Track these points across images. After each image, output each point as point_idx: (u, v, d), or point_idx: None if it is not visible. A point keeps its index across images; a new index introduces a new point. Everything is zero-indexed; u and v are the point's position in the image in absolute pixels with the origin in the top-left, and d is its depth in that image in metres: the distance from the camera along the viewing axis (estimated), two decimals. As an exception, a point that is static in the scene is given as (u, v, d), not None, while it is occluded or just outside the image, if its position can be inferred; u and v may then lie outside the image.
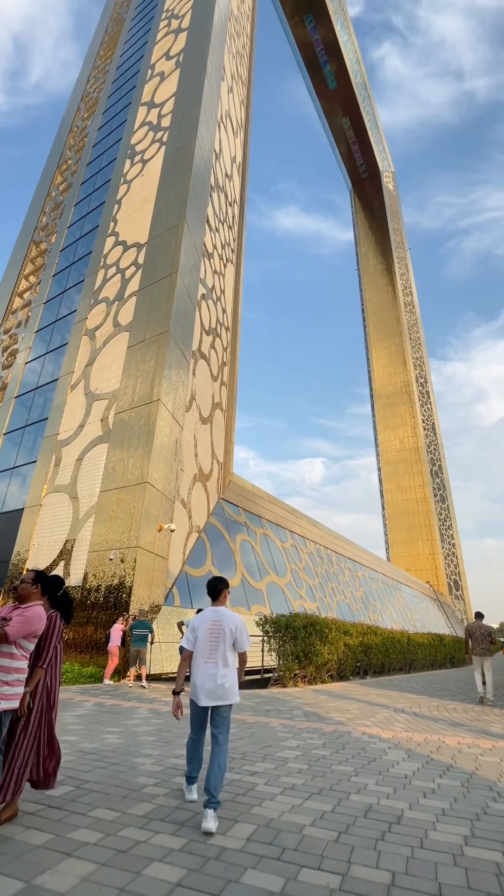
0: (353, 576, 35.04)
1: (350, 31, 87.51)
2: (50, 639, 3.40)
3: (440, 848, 2.90)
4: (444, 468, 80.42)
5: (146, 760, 4.56)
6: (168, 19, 31.55)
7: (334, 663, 13.04)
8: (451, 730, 6.68)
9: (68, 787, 3.72)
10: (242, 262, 27.73)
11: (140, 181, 23.29)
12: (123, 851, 2.69)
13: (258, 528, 23.17)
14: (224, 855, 2.70)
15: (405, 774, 4.42)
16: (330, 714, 7.52)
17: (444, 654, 24.31)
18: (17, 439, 21.48)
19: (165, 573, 14.47)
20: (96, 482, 15.49)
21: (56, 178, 34.28)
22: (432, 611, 56.25)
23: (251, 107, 34.93)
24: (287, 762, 4.67)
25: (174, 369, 16.41)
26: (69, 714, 6.82)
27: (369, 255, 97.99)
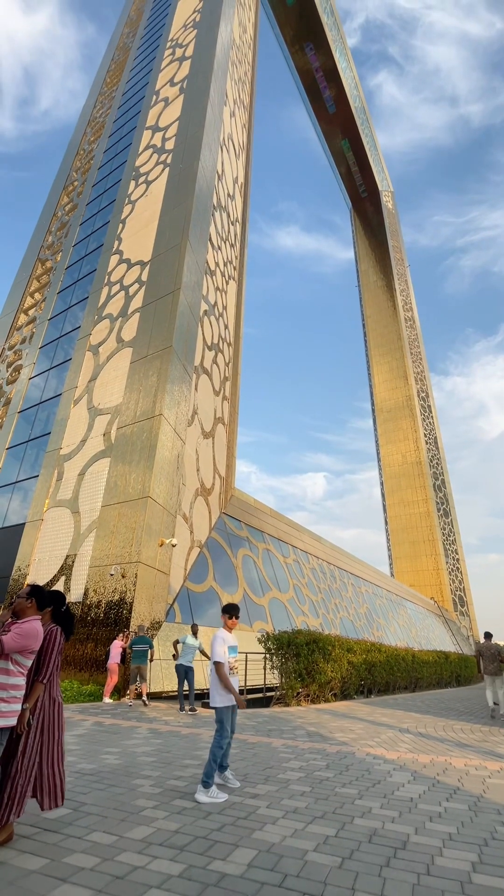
0: (357, 591, 34.62)
1: (349, 58, 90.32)
2: (50, 653, 3.36)
3: (447, 875, 2.81)
4: (447, 482, 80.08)
5: (145, 782, 4.46)
6: (173, 48, 32.68)
7: (338, 681, 12.80)
8: (458, 751, 6.52)
9: (66, 810, 3.63)
10: (244, 279, 28.15)
11: (144, 201, 23.82)
12: (120, 877, 2.62)
13: (260, 542, 23.01)
14: (224, 881, 2.62)
15: (411, 797, 4.30)
16: (333, 734, 7.35)
17: (450, 673, 23.83)
18: (20, 454, 21.55)
19: (167, 589, 14.33)
20: (98, 497, 15.48)
21: (62, 198, 35.10)
22: (437, 627, 55.35)
23: (253, 130, 35.90)
24: (289, 784, 4.55)
25: (176, 384, 16.53)
26: (68, 734, 6.69)
27: (369, 272, 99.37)
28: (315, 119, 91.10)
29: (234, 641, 4.69)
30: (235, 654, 4.63)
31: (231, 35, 33.26)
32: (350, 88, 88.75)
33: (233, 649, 4.58)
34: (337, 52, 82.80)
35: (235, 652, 4.63)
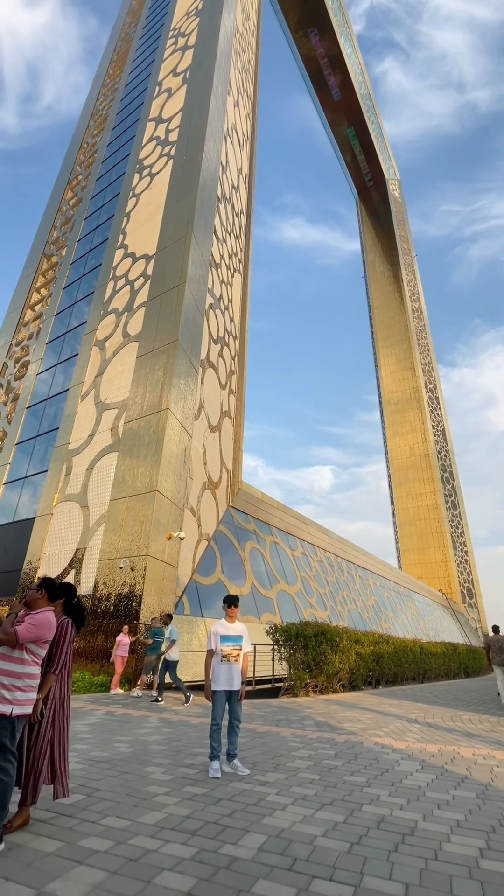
0: (365, 584, 34.68)
1: (354, 43, 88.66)
2: (62, 644, 3.43)
3: (455, 860, 2.84)
4: (455, 474, 79.58)
5: (157, 769, 4.54)
6: (175, 37, 32.30)
7: (346, 672, 12.88)
8: (466, 741, 6.55)
9: (80, 795, 3.72)
10: (249, 272, 27.99)
11: (148, 194, 23.71)
12: (134, 860, 2.69)
13: (267, 535, 23.10)
14: (235, 864, 2.68)
15: (419, 786, 4.35)
16: (342, 724, 7.42)
17: (458, 664, 23.86)
18: (29, 449, 21.76)
19: (175, 581, 14.47)
20: (106, 491, 15.61)
21: (66, 193, 35.04)
22: (445, 619, 55.33)
23: (257, 119, 35.48)
24: (298, 772, 4.62)
25: (183, 378, 16.55)
26: (80, 723, 6.82)
27: (376, 262, 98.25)
28: (320, 107, 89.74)
29: (234, 631, 4.88)
30: (234, 643, 4.81)
31: (234, 22, 32.79)
32: (355, 74, 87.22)
33: (229, 638, 4.80)
34: (342, 38, 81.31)
35: (234, 641, 4.81)
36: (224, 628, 4.89)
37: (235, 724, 4.75)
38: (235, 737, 4.71)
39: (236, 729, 4.74)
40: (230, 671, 4.73)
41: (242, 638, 4.88)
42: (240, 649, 4.83)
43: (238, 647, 4.82)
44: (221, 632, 4.85)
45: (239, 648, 4.83)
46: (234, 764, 4.58)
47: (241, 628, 4.99)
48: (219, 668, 4.74)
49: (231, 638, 4.85)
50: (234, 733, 4.72)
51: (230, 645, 4.82)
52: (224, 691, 4.71)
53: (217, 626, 4.92)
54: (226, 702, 4.73)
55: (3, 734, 2.85)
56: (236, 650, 4.81)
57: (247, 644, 4.93)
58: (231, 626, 4.92)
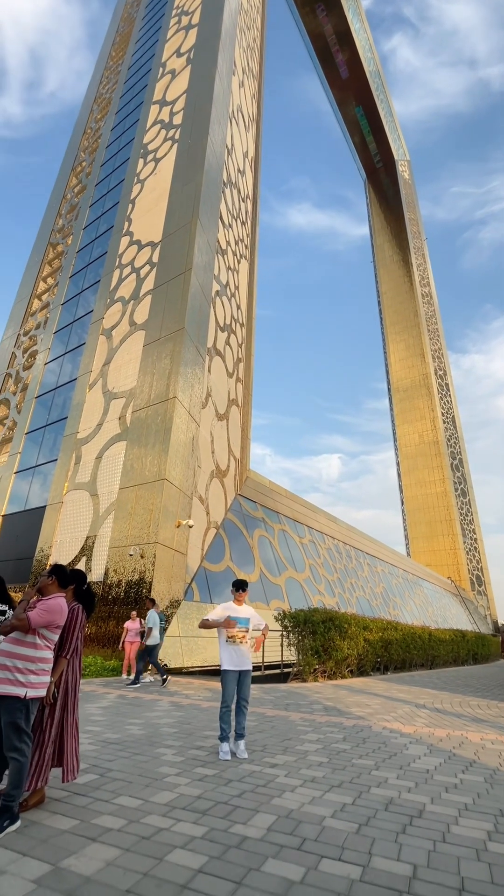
0: (373, 571, 34.77)
1: (362, 19, 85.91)
2: (73, 630, 3.48)
3: (463, 843, 2.87)
4: (464, 462, 78.97)
5: (168, 751, 4.63)
6: (178, 16, 31.52)
7: (354, 658, 12.98)
8: (475, 725, 6.59)
9: (93, 776, 3.80)
10: (256, 258, 27.64)
11: (153, 180, 23.40)
12: (146, 838, 2.75)
13: (276, 523, 23.18)
14: (245, 844, 2.73)
15: (427, 769, 4.39)
16: (350, 709, 7.50)
17: (467, 651, 23.94)
18: (39, 439, 21.94)
19: (184, 568, 14.62)
20: (115, 479, 15.72)
21: (71, 180, 34.71)
22: (454, 606, 55.44)
23: (263, 100, 34.68)
24: (307, 755, 4.68)
25: (189, 366, 16.50)
26: (93, 706, 6.97)
27: (385, 246, 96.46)
28: (327, 86, 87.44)
29: (243, 614, 4.92)
30: (243, 624, 4.87)
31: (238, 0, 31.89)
32: (364, 51, 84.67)
33: (238, 620, 4.84)
34: (350, 13, 78.80)
35: (242, 623, 4.86)
36: (234, 609, 4.94)
37: (243, 704, 4.79)
38: (243, 717, 4.75)
39: (244, 709, 4.77)
40: (238, 652, 4.78)
41: (249, 620, 4.93)
42: (245, 631, 4.87)
43: (244, 629, 4.86)
44: (232, 613, 4.90)
45: (245, 630, 4.86)
46: (238, 745, 4.65)
47: (249, 611, 5.02)
48: (225, 649, 4.80)
49: (240, 620, 4.88)
50: (242, 713, 4.76)
51: (243, 627, 4.85)
52: (234, 672, 4.76)
53: (224, 607, 4.96)
54: (236, 683, 4.77)
55: (17, 716, 2.91)
56: (242, 632, 4.84)
57: (259, 621, 5.01)
58: (238, 609, 4.95)
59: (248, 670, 4.83)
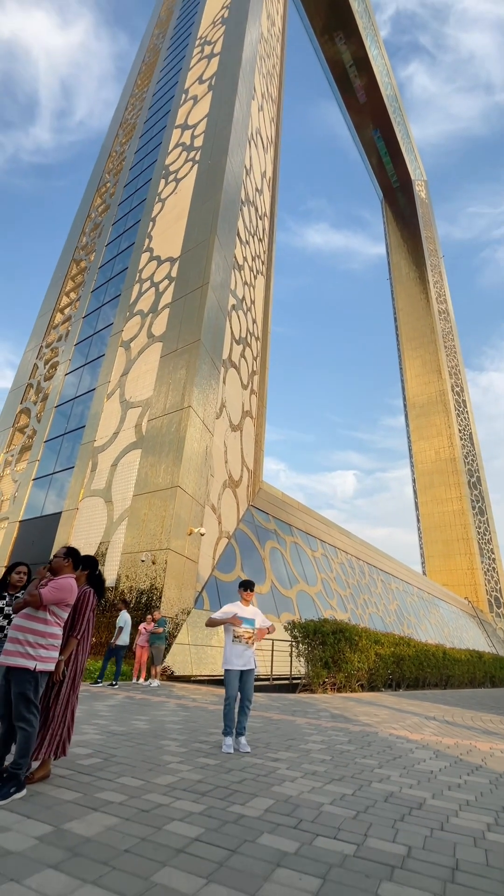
0: (387, 588, 34.14)
1: (380, 45, 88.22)
2: (84, 611, 3.61)
3: (461, 832, 2.86)
4: (482, 480, 77.46)
5: (172, 743, 4.68)
6: (201, 46, 32.96)
7: (365, 672, 12.76)
8: (484, 737, 6.45)
9: (97, 759, 3.88)
10: (272, 273, 28.17)
11: (174, 199, 24.23)
12: (146, 811, 2.82)
13: (288, 536, 23.09)
14: (242, 820, 2.77)
15: (431, 770, 4.34)
16: (357, 717, 7.40)
17: (484, 673, 23.20)
18: (57, 447, 22.45)
19: (195, 576, 14.66)
20: (130, 487, 15.97)
21: (95, 200, 36.11)
22: (471, 628, 53.81)
23: (281, 123, 35.75)
24: (310, 753, 4.67)
25: (205, 377, 16.81)
26: (100, 704, 7.03)
27: (401, 263, 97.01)
28: (345, 109, 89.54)
29: (251, 615, 4.94)
30: (246, 625, 4.86)
31: (259, 29, 33.23)
32: (381, 76, 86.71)
33: (244, 620, 4.86)
34: (368, 40, 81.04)
35: (246, 623, 4.87)
36: (238, 609, 4.97)
37: (246, 704, 4.78)
38: (245, 717, 4.75)
39: (246, 710, 4.77)
40: (242, 652, 4.80)
41: (255, 621, 4.94)
42: (252, 632, 4.87)
43: (249, 629, 4.87)
44: (239, 613, 4.94)
45: (251, 631, 4.87)
46: (239, 741, 4.65)
47: (255, 612, 5.03)
48: (231, 648, 4.82)
49: (246, 620, 4.90)
50: (244, 714, 4.75)
51: (249, 628, 4.87)
52: (237, 671, 4.78)
53: (231, 606, 5.01)
54: (239, 681, 4.79)
55: (27, 687, 3.03)
56: (248, 632, 4.84)
57: (265, 622, 5.01)
58: (245, 609, 4.98)
59: (252, 670, 4.82)
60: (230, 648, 4.83)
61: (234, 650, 4.81)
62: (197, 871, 2.14)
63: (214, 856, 2.29)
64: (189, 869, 2.15)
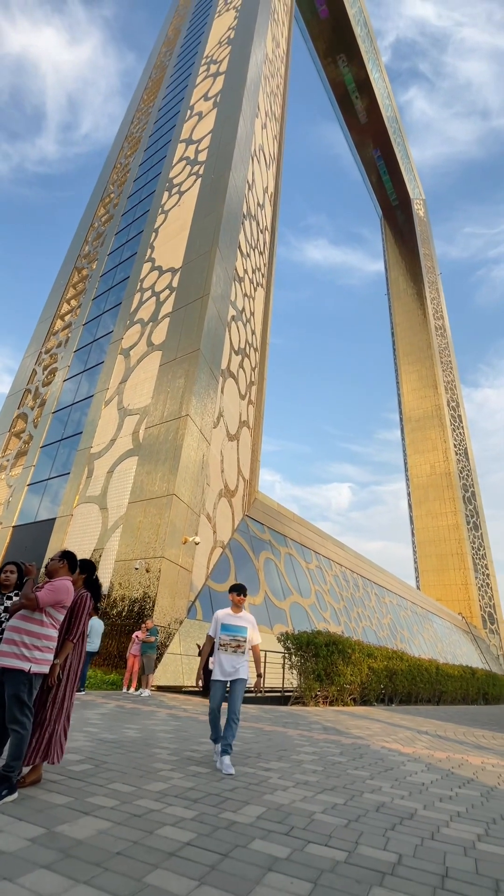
0: (381, 602, 34.01)
1: (381, 68, 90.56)
2: (80, 615, 3.62)
3: (452, 841, 2.87)
4: (477, 495, 77.72)
5: (163, 751, 4.65)
6: (207, 64, 33.75)
7: (357, 686, 12.69)
8: (476, 751, 6.43)
9: (88, 766, 3.86)
10: (272, 286, 28.52)
11: (176, 211, 24.60)
12: (138, 816, 2.81)
13: (283, 547, 23.04)
14: (234, 826, 2.77)
15: (423, 782, 4.33)
16: (350, 730, 7.36)
17: (477, 689, 23.07)
18: (53, 453, 22.41)
19: (189, 586, 14.59)
20: (125, 494, 15.95)
21: (99, 210, 36.56)
22: (465, 644, 53.54)
23: (284, 141, 36.51)
24: (302, 764, 4.65)
25: (203, 386, 16.92)
26: (91, 712, 6.97)
27: (399, 280, 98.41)
28: (346, 129, 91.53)
29: (238, 621, 4.56)
30: (235, 633, 4.49)
31: (264, 50, 34.09)
32: (382, 98, 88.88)
33: (231, 628, 4.50)
34: (369, 64, 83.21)
35: (235, 631, 4.50)
36: (227, 616, 4.56)
37: (233, 720, 4.21)
38: (231, 733, 4.19)
39: (233, 726, 4.20)
40: (230, 660, 4.38)
41: (247, 630, 4.52)
42: (241, 641, 4.45)
43: (238, 638, 4.46)
44: (224, 620, 4.53)
45: (240, 640, 4.45)
46: (222, 760, 4.08)
47: (248, 619, 4.60)
48: (218, 655, 4.43)
49: (233, 628, 4.49)
50: (231, 729, 4.19)
51: (230, 635, 4.46)
52: (220, 681, 4.37)
53: (221, 613, 4.60)
54: (223, 692, 4.37)
55: (21, 689, 3.04)
56: (236, 641, 4.44)
57: (255, 634, 4.57)
58: (236, 616, 4.57)
59: (241, 680, 4.38)
60: (216, 657, 4.46)
61: (218, 658, 4.42)
62: (189, 873, 2.14)
63: (206, 859, 2.30)
64: (181, 871, 2.15)
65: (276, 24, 40.66)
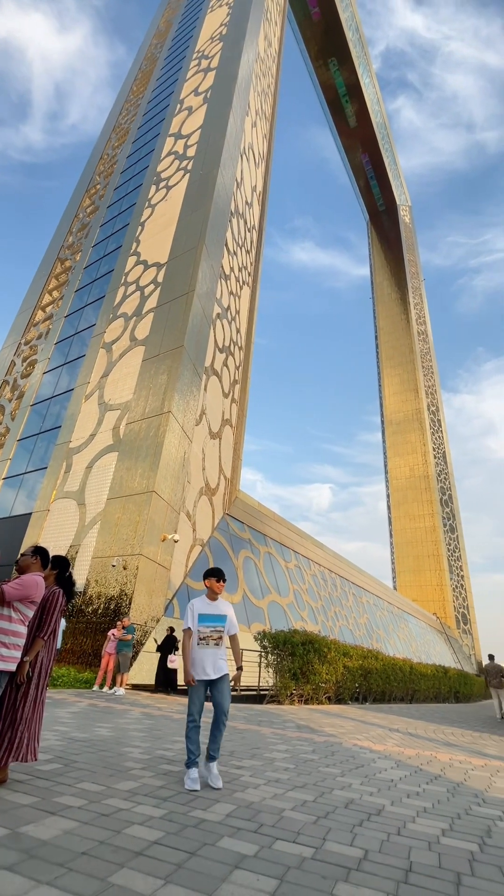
0: (358, 601, 34.43)
1: (372, 74, 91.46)
2: (52, 612, 3.55)
3: (417, 836, 2.93)
4: (454, 498, 79.39)
5: (135, 750, 4.61)
6: (199, 59, 33.49)
7: (332, 685, 12.81)
8: (445, 748, 6.57)
9: (57, 765, 3.79)
10: (258, 286, 28.51)
11: (163, 205, 24.35)
12: (106, 815, 2.78)
13: (262, 546, 23.09)
14: (203, 825, 2.77)
15: (391, 779, 4.41)
16: (323, 728, 7.43)
17: (449, 688, 23.58)
18: (30, 446, 21.95)
19: (167, 583, 14.49)
20: (104, 490, 15.74)
21: (84, 200, 35.92)
22: (439, 644, 54.66)
23: (273, 141, 36.51)
24: (274, 762, 4.68)
25: (186, 383, 16.81)
26: (63, 711, 6.86)
27: (384, 284, 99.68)
28: (336, 132, 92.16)
29: (216, 609, 4.02)
30: (214, 623, 3.94)
31: (256, 49, 34.02)
32: (372, 104, 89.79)
33: (209, 618, 3.96)
34: (360, 68, 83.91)
35: (214, 621, 3.95)
36: (204, 605, 4.02)
37: (222, 719, 3.79)
38: (219, 734, 3.78)
39: (221, 725, 3.79)
40: (211, 656, 3.87)
41: (226, 618, 4.00)
42: (221, 632, 3.94)
43: (219, 628, 3.93)
44: (201, 609, 3.98)
45: (220, 631, 3.93)
46: (209, 768, 3.71)
47: (226, 607, 4.07)
48: (196, 652, 3.88)
49: (211, 617, 3.95)
50: (219, 729, 3.78)
51: (209, 626, 3.92)
52: (202, 682, 3.84)
53: (196, 602, 4.05)
54: (205, 694, 3.88)
55: (-12, 687, 2.97)
56: (217, 633, 3.92)
57: (232, 625, 4.07)
58: (213, 604, 4.04)
59: (224, 676, 3.90)
60: (194, 653, 3.88)
61: (199, 654, 3.86)
62: (155, 872, 2.13)
63: (173, 858, 2.29)
64: (147, 870, 2.14)
65: (269, 23, 40.62)
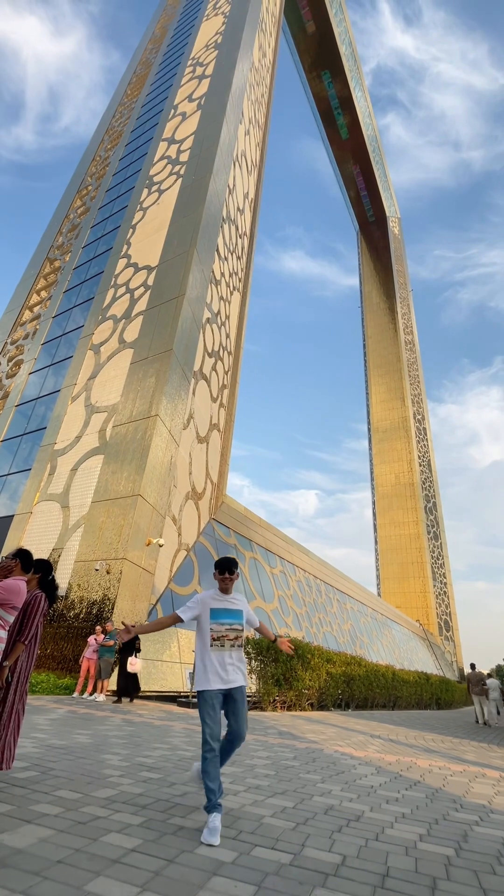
0: (342, 608, 34.53)
1: (364, 88, 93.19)
2: (33, 616, 3.50)
3: (394, 842, 2.95)
4: (438, 506, 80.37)
5: (114, 757, 4.55)
6: (193, 66, 33.75)
7: (315, 691, 12.82)
8: (425, 755, 6.62)
9: (33, 773, 3.73)
10: (248, 292, 28.67)
11: (155, 209, 24.38)
12: (83, 823, 2.74)
13: (248, 551, 23.05)
14: (181, 832, 2.75)
15: (371, 785, 4.43)
16: (304, 734, 7.43)
17: (430, 694, 23.77)
18: (14, 447, 21.62)
19: (151, 588, 14.36)
20: (89, 492, 15.56)
21: (75, 201, 35.75)
22: (421, 650, 55.05)
23: (266, 150, 36.88)
24: (255, 768, 4.66)
25: (174, 387, 16.78)
26: (41, 717, 6.73)
27: (373, 293, 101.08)
28: (328, 143, 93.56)
29: (231, 604, 3.29)
30: (231, 620, 3.22)
31: (251, 58, 34.42)
32: (364, 117, 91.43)
33: (224, 613, 3.22)
34: (353, 82, 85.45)
35: (231, 617, 3.23)
36: (216, 599, 3.28)
37: (237, 742, 3.13)
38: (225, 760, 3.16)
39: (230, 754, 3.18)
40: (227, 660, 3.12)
41: (243, 614, 3.29)
42: (239, 630, 3.22)
43: (236, 626, 3.21)
44: (213, 604, 3.25)
45: (238, 630, 3.22)
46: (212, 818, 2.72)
47: (241, 601, 3.35)
48: (208, 656, 3.12)
49: (226, 613, 3.21)
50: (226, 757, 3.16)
51: (225, 623, 3.18)
52: (218, 692, 3.04)
53: (206, 595, 3.32)
54: (221, 707, 3.08)
55: (-36, 692, 2.91)
56: (234, 631, 3.20)
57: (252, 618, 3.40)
58: (226, 598, 3.30)
59: (241, 687, 3.14)
60: (206, 657, 3.12)
61: (212, 659, 3.09)
62: (132, 880, 2.11)
63: (151, 865, 2.27)
64: (124, 878, 2.12)
65: (264, 33, 41.15)
